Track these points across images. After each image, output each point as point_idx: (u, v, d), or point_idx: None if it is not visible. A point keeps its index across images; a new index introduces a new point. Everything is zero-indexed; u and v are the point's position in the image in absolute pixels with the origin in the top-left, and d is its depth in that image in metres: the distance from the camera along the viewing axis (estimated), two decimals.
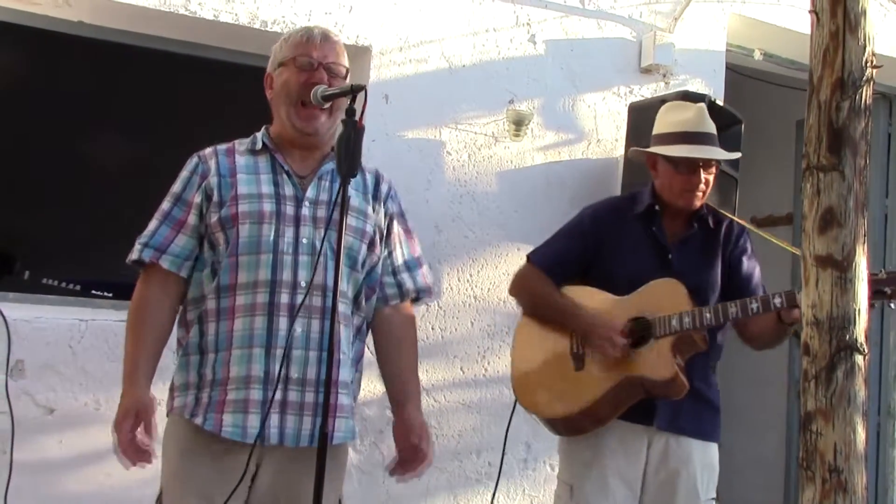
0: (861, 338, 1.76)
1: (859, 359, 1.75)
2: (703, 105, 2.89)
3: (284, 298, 2.16)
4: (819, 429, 1.75)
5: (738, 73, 4.69)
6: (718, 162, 2.77)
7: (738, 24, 4.38)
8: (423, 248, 3.71)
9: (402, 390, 2.41)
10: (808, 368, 1.78)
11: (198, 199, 2.23)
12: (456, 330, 3.76)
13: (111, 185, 3.73)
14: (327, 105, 2.25)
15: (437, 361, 3.71)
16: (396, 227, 2.43)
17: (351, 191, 2.27)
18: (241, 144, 2.33)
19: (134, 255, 2.24)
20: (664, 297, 2.62)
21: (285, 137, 2.31)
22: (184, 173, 2.29)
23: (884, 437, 4.91)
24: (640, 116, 3.67)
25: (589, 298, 2.74)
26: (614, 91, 4.06)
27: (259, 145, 2.30)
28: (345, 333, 2.23)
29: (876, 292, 2.37)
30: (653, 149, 2.79)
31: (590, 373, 2.66)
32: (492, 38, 3.85)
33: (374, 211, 2.35)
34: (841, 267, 1.76)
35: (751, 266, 2.78)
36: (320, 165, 2.30)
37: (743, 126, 4.02)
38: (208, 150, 2.31)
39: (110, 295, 3.49)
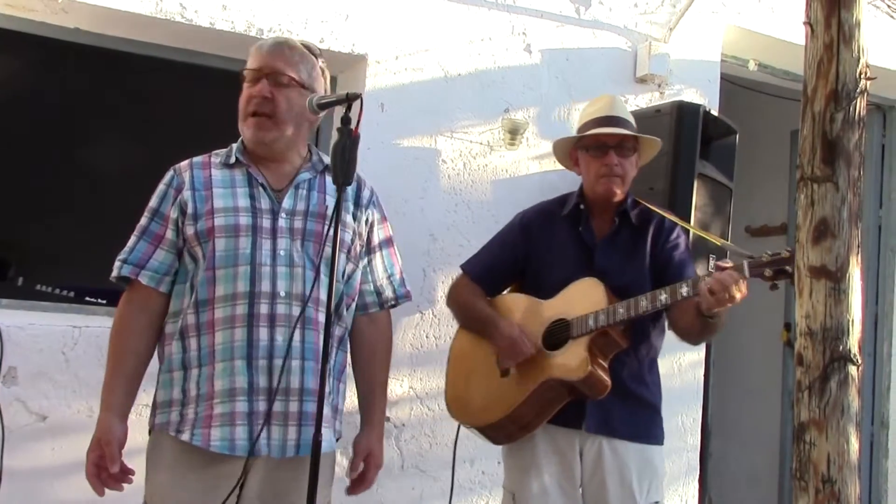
0: (854, 348, 1.76)
1: (853, 369, 1.76)
2: (614, 95, 2.94)
3: (264, 309, 2.15)
4: (812, 439, 1.75)
5: (733, 84, 4.70)
6: (634, 147, 2.74)
7: (734, 34, 4.40)
8: (417, 255, 3.72)
9: (367, 409, 2.44)
10: (802, 379, 1.78)
11: (174, 213, 2.23)
12: (449, 338, 3.72)
13: (106, 192, 3.73)
14: (323, 113, 2.25)
15: (431, 369, 3.71)
16: (377, 235, 2.43)
17: (330, 199, 2.28)
18: (216, 157, 2.33)
19: (114, 273, 2.25)
20: (583, 297, 2.61)
21: (252, 153, 2.32)
22: (160, 187, 2.30)
23: (877, 447, 4.91)
24: (637, 125, 3.68)
25: (514, 305, 2.76)
26: None
27: (233, 159, 2.30)
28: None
29: (778, 272, 2.35)
30: (561, 139, 2.86)
31: (513, 379, 2.67)
32: (487, 47, 3.86)
33: (354, 219, 2.35)
34: (835, 278, 1.77)
35: (682, 261, 2.71)
36: (296, 176, 2.30)
37: (737, 136, 4.03)
38: (184, 163, 2.32)
39: (104, 302, 3.48)
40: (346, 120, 2.06)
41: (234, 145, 2.35)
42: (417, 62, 3.73)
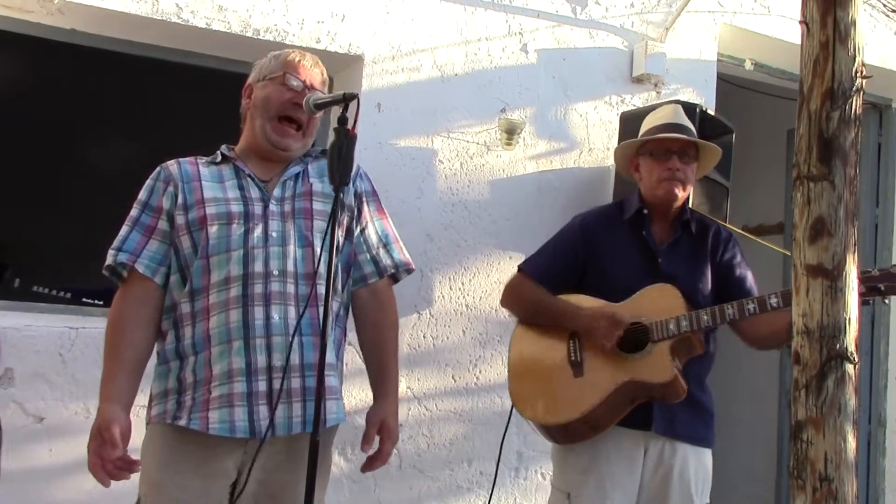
0: (851, 346, 1.76)
1: (850, 368, 1.76)
2: (677, 104, 2.96)
3: (258, 289, 2.15)
4: (810, 437, 1.75)
5: (729, 83, 4.71)
6: (695, 156, 2.78)
7: (729, 34, 4.40)
8: (414, 256, 3.71)
9: (380, 381, 2.40)
10: (799, 377, 1.78)
11: (165, 204, 2.24)
12: (448, 338, 3.76)
13: (102, 193, 3.73)
14: (319, 113, 2.25)
15: (428, 370, 3.71)
16: (367, 206, 2.41)
17: (314, 179, 2.31)
18: (201, 159, 2.35)
19: (108, 261, 2.23)
20: (660, 302, 2.63)
21: (252, 149, 2.33)
22: (148, 181, 2.31)
23: (874, 446, 4.92)
24: (632, 125, 3.68)
25: (587, 305, 2.74)
26: (606, 100, 4.07)
27: (219, 158, 2.32)
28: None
29: (870, 289, 2.42)
30: (627, 142, 2.89)
31: (589, 379, 2.66)
32: (484, 47, 3.86)
33: (342, 193, 2.33)
34: (831, 276, 1.77)
35: (742, 270, 2.79)
36: (284, 170, 2.31)
37: (734, 135, 4.03)
38: (170, 161, 2.33)
39: (101, 303, 3.48)
40: (342, 120, 2.06)
41: (221, 149, 2.36)
42: (414, 62, 3.73)
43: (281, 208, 2.24)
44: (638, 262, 2.75)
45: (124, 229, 2.25)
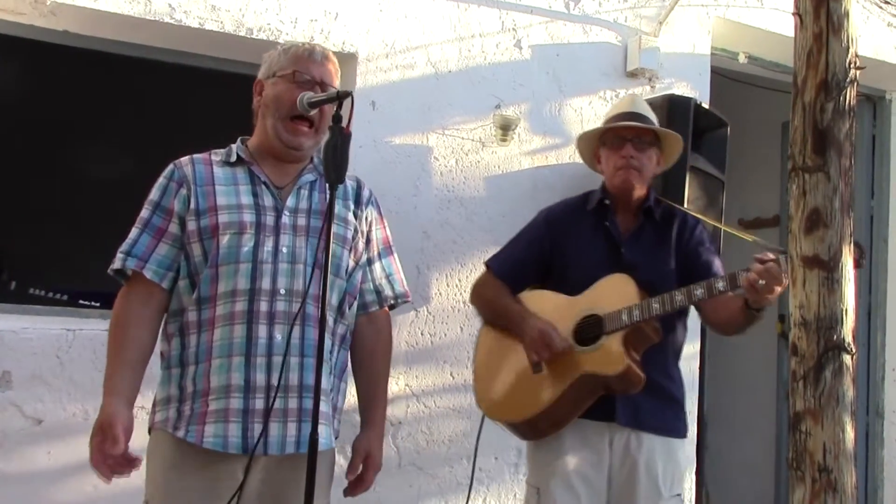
0: (848, 337, 1.77)
1: (847, 358, 1.77)
2: (636, 94, 2.99)
3: (263, 307, 2.14)
4: (808, 429, 1.76)
5: (723, 77, 4.71)
6: (653, 143, 2.77)
7: (723, 27, 4.40)
8: (411, 253, 3.72)
9: (367, 409, 2.43)
10: (797, 369, 1.79)
11: (177, 206, 2.21)
12: (445, 335, 3.76)
13: (98, 195, 3.72)
14: (313, 112, 2.24)
15: (426, 367, 3.71)
16: (376, 234, 2.43)
17: (340, 202, 2.30)
18: (216, 155, 2.31)
19: (116, 265, 2.19)
20: (614, 293, 2.62)
21: (266, 149, 2.30)
22: (161, 181, 2.26)
23: (873, 437, 4.93)
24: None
25: (542, 302, 2.76)
26: (600, 95, 4.07)
27: (234, 157, 2.28)
28: (326, 341, 2.19)
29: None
30: (584, 133, 2.93)
31: (547, 375, 2.66)
32: (478, 43, 3.86)
33: (356, 217, 2.35)
34: (827, 267, 1.77)
35: (708, 256, 2.75)
36: (299, 176, 2.29)
37: (729, 129, 4.04)
38: (184, 159, 2.29)
39: (98, 305, 3.47)
40: (337, 118, 2.06)
41: (233, 145, 2.33)
42: (408, 60, 3.73)
43: (293, 220, 2.22)
44: (602, 252, 2.74)
45: (134, 231, 2.22)
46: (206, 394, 2.12)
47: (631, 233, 2.77)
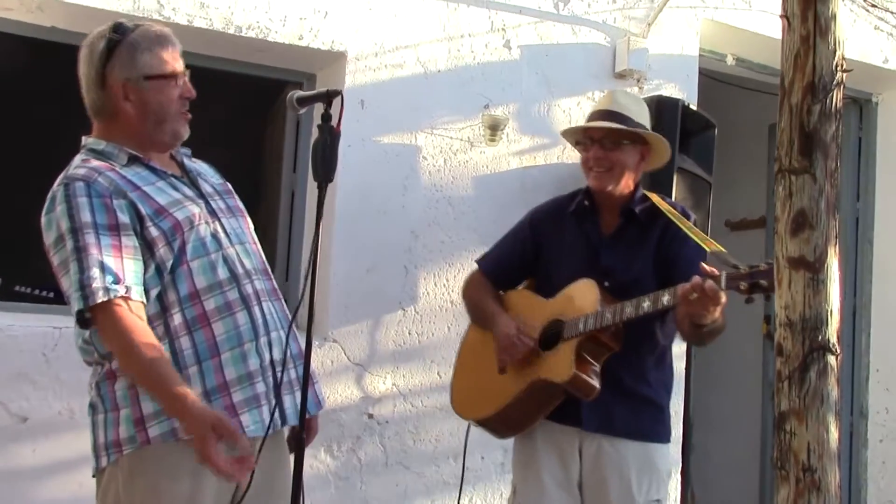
0: (833, 338, 1.78)
1: (832, 359, 1.77)
2: (619, 90, 2.96)
3: (248, 289, 2.17)
4: (793, 429, 1.77)
5: (711, 78, 4.73)
6: (627, 140, 2.68)
7: (711, 29, 4.42)
8: (399, 252, 3.74)
9: None
10: (782, 369, 1.80)
11: (124, 218, 2.06)
12: (433, 335, 3.76)
13: None
14: (303, 110, 2.25)
15: (413, 366, 3.71)
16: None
17: (216, 179, 2.34)
18: (100, 161, 2.15)
19: (99, 298, 1.98)
20: (579, 299, 2.60)
21: (145, 142, 2.19)
22: (80, 201, 2.04)
23: (857, 437, 4.96)
24: None
25: (520, 302, 2.77)
26: (589, 96, 4.08)
27: (125, 159, 2.16)
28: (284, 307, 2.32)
29: (752, 286, 2.28)
30: (563, 131, 2.92)
31: (508, 376, 2.67)
32: (467, 43, 3.87)
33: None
34: (813, 268, 1.78)
35: (691, 259, 2.56)
36: (178, 162, 2.28)
37: (716, 130, 4.05)
38: (83, 173, 2.10)
39: None
40: (326, 117, 2.06)
41: (112, 147, 2.17)
42: (397, 59, 3.73)
43: (218, 204, 2.25)
44: (581, 255, 2.71)
45: (91, 259, 2.00)
46: (225, 387, 2.09)
47: (612, 234, 2.72)
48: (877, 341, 4.98)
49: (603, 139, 2.68)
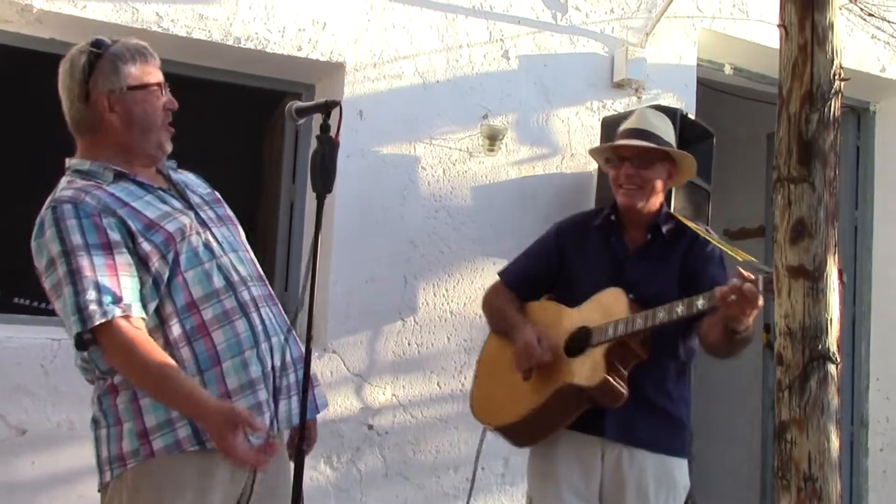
0: (833, 347, 1.78)
1: (832, 368, 1.78)
2: (648, 108, 2.97)
3: (245, 296, 2.16)
4: (793, 438, 1.77)
5: (709, 88, 4.73)
6: (659, 159, 2.71)
7: (709, 39, 4.43)
8: (398, 263, 3.73)
9: None
10: (782, 378, 1.80)
11: (115, 236, 2.05)
12: (432, 345, 3.75)
13: None
14: (302, 121, 2.25)
15: (413, 377, 3.71)
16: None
17: (203, 189, 2.33)
18: (85, 180, 2.14)
19: (96, 320, 1.97)
20: (607, 307, 2.62)
21: (133, 159, 2.19)
22: (69, 223, 2.03)
23: (857, 446, 4.95)
24: (613, 131, 3.66)
25: (544, 312, 2.77)
26: (587, 105, 4.09)
27: (111, 176, 2.14)
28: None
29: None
30: (591, 149, 2.93)
31: (533, 383, 2.67)
32: (465, 53, 3.88)
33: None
34: (812, 277, 1.78)
35: (716, 273, 2.65)
36: (165, 175, 2.27)
37: (714, 140, 4.06)
38: (70, 194, 2.09)
39: None
40: (325, 128, 2.06)
41: (98, 166, 2.15)
42: (396, 69, 3.73)
43: (207, 214, 2.24)
44: (605, 268, 2.73)
45: (86, 281, 1.99)
46: (227, 397, 2.08)
47: (638, 249, 2.75)
48: (876, 350, 4.98)
49: (633, 157, 2.72)
